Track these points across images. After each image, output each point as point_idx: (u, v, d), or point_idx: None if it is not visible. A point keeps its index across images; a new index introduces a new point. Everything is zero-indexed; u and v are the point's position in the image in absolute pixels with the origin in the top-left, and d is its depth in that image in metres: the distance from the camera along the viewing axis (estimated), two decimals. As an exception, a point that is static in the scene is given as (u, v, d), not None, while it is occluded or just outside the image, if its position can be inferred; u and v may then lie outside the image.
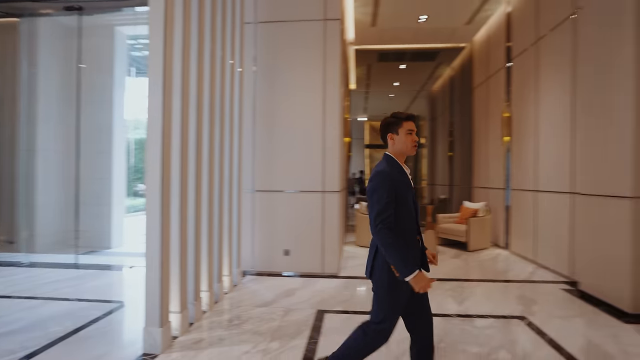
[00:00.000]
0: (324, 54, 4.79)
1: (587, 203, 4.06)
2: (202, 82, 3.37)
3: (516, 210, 6.13)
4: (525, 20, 5.81)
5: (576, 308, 3.66)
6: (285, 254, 4.78)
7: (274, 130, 4.84)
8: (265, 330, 3.06)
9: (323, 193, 4.78)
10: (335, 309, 3.57)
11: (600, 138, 3.86)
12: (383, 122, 2.07)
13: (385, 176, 1.91)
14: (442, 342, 2.86)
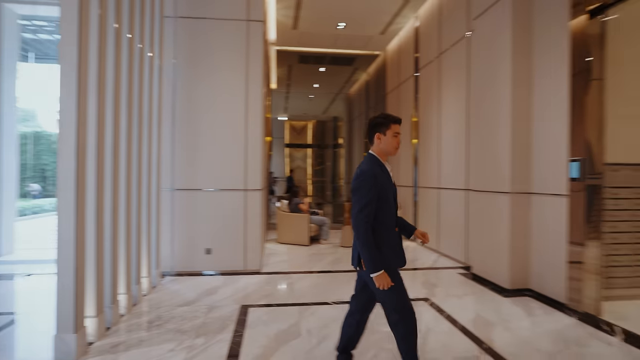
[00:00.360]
0: (247, 54, 4.84)
1: (477, 198, 4.73)
2: (119, 74, 3.23)
3: (423, 205, 6.82)
4: (431, 35, 6.49)
5: (469, 288, 4.26)
6: (207, 253, 4.74)
7: (196, 128, 4.76)
8: (189, 328, 3.06)
9: (245, 191, 4.84)
10: (259, 303, 3.69)
11: (487, 141, 4.53)
12: (372, 121, 2.20)
13: (370, 175, 2.05)
14: (358, 325, 3.14)
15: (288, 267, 5.12)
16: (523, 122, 4.12)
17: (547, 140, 3.90)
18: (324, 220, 7.02)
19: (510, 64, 4.10)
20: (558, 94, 3.74)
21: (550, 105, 3.86)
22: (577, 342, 2.86)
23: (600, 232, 3.46)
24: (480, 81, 4.70)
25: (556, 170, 3.76)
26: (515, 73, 4.10)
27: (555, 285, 3.74)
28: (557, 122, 3.75)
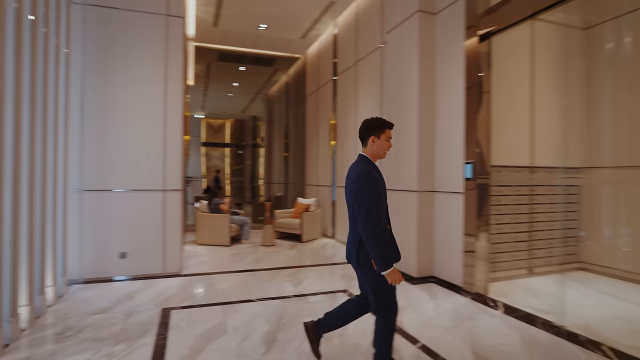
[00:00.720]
0: (167, 50, 4.68)
1: (390, 196, 5.17)
2: (21, 61, 2.92)
3: (340, 204, 7.21)
4: (348, 43, 6.90)
5: (382, 278, 4.67)
6: (122, 257, 4.48)
7: (109, 125, 4.46)
8: (107, 336, 2.91)
9: (164, 192, 4.67)
10: (182, 305, 3.62)
11: (398, 144, 5.00)
12: (368, 124, 2.26)
13: (370, 177, 2.11)
14: (283, 319, 3.29)
15: (210, 268, 5.06)
16: (428, 128, 4.65)
17: (447, 145, 4.46)
18: (245, 220, 7.02)
19: (417, 75, 4.60)
20: (456, 104, 4.31)
21: (450, 113, 4.42)
22: (469, 317, 3.36)
23: (488, 224, 4.07)
24: (392, 90, 5.16)
25: (454, 171, 4.33)
26: (421, 84, 4.60)
27: (454, 271, 4.30)
28: (455, 128, 4.31)
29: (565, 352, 2.70)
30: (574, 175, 4.90)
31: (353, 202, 2.16)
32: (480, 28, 4.01)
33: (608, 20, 4.76)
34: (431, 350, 2.71)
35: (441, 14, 4.55)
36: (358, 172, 2.16)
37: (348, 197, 2.23)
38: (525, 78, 4.70)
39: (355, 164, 2.27)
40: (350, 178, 2.22)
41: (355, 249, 2.20)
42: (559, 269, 4.71)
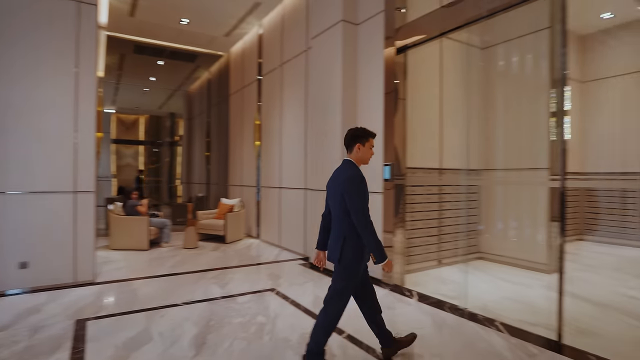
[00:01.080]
0: (78, 40, 4.29)
1: (315, 196, 5.37)
2: None
3: (265, 204, 7.24)
4: (274, 44, 6.96)
5: (308, 276, 4.82)
6: (22, 267, 4.00)
7: (6, 121, 3.95)
8: (8, 356, 2.61)
9: (75, 194, 4.28)
10: (99, 315, 3.38)
11: (322, 146, 5.21)
12: (354, 132, 2.47)
13: (361, 179, 2.33)
14: (211, 321, 3.25)
15: (128, 274, 4.75)
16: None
17: (368, 148, 4.77)
18: (165, 223, 6.70)
19: (341, 81, 4.84)
20: (375, 109, 4.63)
21: (371, 118, 4.73)
22: (389, 306, 3.66)
23: (404, 221, 4.46)
24: (316, 94, 5.35)
25: (374, 172, 4.65)
26: (344, 89, 4.86)
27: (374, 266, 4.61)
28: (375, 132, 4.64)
29: (468, 330, 3.10)
30: (474, 177, 5.57)
31: (342, 201, 2.32)
32: (397, 41, 4.38)
33: (500, 43, 5.50)
34: (356, 339, 2.92)
35: (363, 25, 4.86)
36: (350, 174, 2.34)
37: (335, 197, 2.37)
38: (435, 88, 5.22)
39: (343, 167, 2.45)
40: (338, 180, 2.39)
41: (340, 247, 2.34)
42: (463, 259, 5.34)
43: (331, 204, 2.45)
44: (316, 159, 5.35)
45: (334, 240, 2.40)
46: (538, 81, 5.02)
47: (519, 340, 2.88)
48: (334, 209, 2.43)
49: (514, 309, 3.58)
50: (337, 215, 2.39)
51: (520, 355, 2.65)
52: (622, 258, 5.76)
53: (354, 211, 2.27)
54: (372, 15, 4.71)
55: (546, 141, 4.87)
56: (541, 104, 4.94)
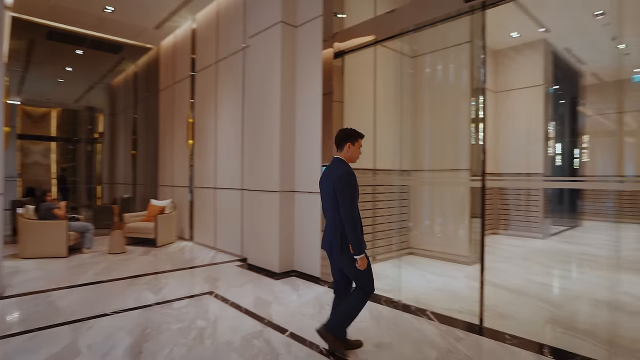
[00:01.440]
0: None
1: (252, 197, 5.32)
2: None
3: (199, 205, 6.99)
4: (209, 41, 6.74)
5: (247, 277, 4.77)
6: None
7: None
8: None
9: (-22, 195, 3.78)
10: (11, 332, 3.02)
11: (260, 147, 5.18)
12: (345, 132, 2.64)
13: (352, 176, 2.50)
14: (147, 329, 3.09)
15: (44, 285, 4.30)
16: (289, 132, 4.97)
17: (307, 148, 4.86)
18: (87, 227, 6.16)
19: (279, 81, 4.87)
20: (314, 111, 4.73)
21: (309, 120, 4.82)
22: (329, 303, 3.76)
23: (341, 219, 4.61)
24: (254, 93, 5.31)
25: (313, 172, 4.75)
26: (283, 90, 4.89)
27: (313, 264, 4.72)
28: (314, 133, 4.74)
29: (403, 321, 3.31)
30: (405, 177, 5.94)
31: (335, 197, 2.49)
32: (336, 44, 4.52)
33: (428, 53, 5.93)
34: (299, 337, 2.97)
35: (302, 28, 4.93)
36: (342, 171, 2.52)
37: (330, 193, 2.54)
38: (369, 92, 5.47)
39: (335, 165, 2.61)
40: (331, 176, 2.55)
41: (339, 240, 2.53)
42: (396, 255, 5.66)
43: (325, 199, 2.62)
44: (254, 160, 5.30)
45: (332, 235, 2.58)
46: (460, 90, 5.50)
47: (447, 327, 3.16)
48: (327, 204, 2.60)
49: (442, 299, 3.90)
50: (331, 211, 2.57)
51: (449, 340, 2.90)
52: (528, 249, 6.53)
53: (343, 205, 2.46)
54: (310, 18, 4.80)
55: (467, 144, 5.36)
56: (462, 111, 5.42)
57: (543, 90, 7.56)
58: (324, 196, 2.63)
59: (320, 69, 4.65)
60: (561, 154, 8.43)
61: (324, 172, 2.70)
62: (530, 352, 2.69)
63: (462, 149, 5.41)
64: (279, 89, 4.87)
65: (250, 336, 2.97)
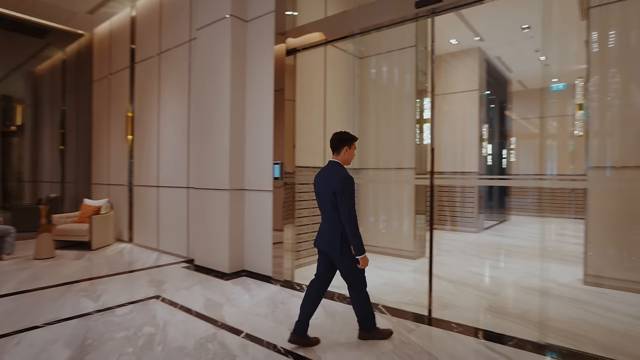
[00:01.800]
0: None
1: (199, 195, 5.13)
2: None
3: (140, 205, 6.59)
4: (151, 30, 6.36)
5: (195, 279, 4.59)
6: None
7: None
8: None
9: None
10: None
11: (208, 144, 5.00)
12: (342, 136, 2.75)
13: (351, 179, 2.61)
14: (88, 339, 2.86)
15: (-43, 296, 3.80)
16: (239, 129, 4.85)
17: (258, 145, 4.78)
18: (8, 230, 5.53)
19: (229, 77, 4.73)
20: (266, 108, 4.67)
21: (260, 117, 4.75)
22: (282, 302, 3.75)
23: (293, 218, 4.61)
24: (202, 88, 5.11)
25: (264, 170, 4.69)
26: (233, 86, 4.76)
27: (264, 263, 4.66)
28: (265, 130, 4.68)
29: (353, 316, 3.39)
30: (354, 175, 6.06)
31: (335, 199, 2.60)
32: (288, 41, 4.49)
33: (375, 55, 6.11)
34: (255, 337, 2.92)
35: (253, 23, 4.83)
36: (342, 175, 2.61)
37: (328, 195, 2.64)
38: (320, 91, 5.52)
39: (333, 169, 2.70)
40: (331, 180, 2.63)
41: (339, 241, 2.65)
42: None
43: (323, 201, 2.72)
44: (201, 157, 5.11)
45: (332, 234, 2.68)
46: (405, 91, 5.74)
47: (399, 319, 3.29)
48: (326, 206, 2.69)
49: (391, 292, 4.05)
50: (331, 212, 2.67)
51: (401, 332, 3.03)
52: (465, 242, 7.01)
53: (344, 209, 2.57)
54: (262, 14, 4.72)
55: (412, 144, 5.61)
56: (408, 112, 5.67)
57: (477, 95, 8.14)
58: (321, 197, 2.72)
59: (272, 65, 4.60)
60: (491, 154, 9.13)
61: (320, 173, 2.79)
62: (474, 338, 2.90)
63: (408, 149, 5.65)
64: (228, 84, 4.73)
65: (203, 340, 2.87)
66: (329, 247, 2.70)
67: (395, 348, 2.75)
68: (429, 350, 2.71)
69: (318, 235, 2.82)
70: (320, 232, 2.80)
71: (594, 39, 4.28)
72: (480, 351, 2.70)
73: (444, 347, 2.76)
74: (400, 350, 2.71)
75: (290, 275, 4.51)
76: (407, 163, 5.66)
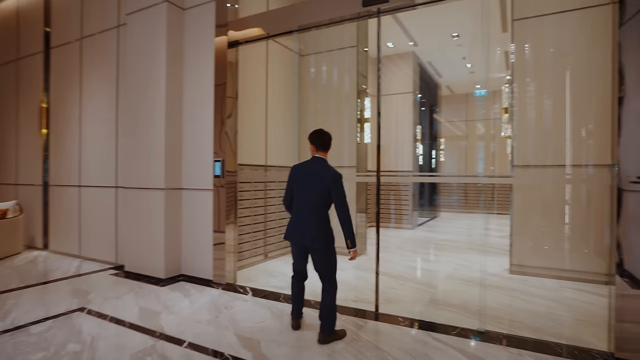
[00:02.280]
0: None
1: (129, 195, 4.70)
2: None
3: (57, 207, 5.88)
4: (70, 12, 5.70)
5: (125, 286, 4.19)
6: None
7: None
8: None
9: None
10: None
11: (140, 141, 4.60)
12: (328, 135, 2.93)
13: (341, 176, 2.75)
14: (-4, 363, 2.45)
15: None
16: (176, 125, 4.53)
17: (197, 142, 4.50)
18: None
19: (165, 69, 4.40)
20: (205, 103, 4.41)
21: (200, 112, 4.48)
22: (226, 307, 3.56)
23: (235, 218, 4.41)
24: (134, 80, 4.69)
25: (204, 168, 4.43)
26: (169, 79, 4.43)
27: (204, 266, 4.40)
28: (205, 127, 4.42)
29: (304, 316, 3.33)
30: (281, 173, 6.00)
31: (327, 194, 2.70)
32: (229, 35, 4.28)
33: (317, 53, 6.10)
34: (199, 346, 2.72)
35: (191, 11, 4.54)
36: (335, 172, 2.74)
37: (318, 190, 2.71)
38: (262, 87, 5.36)
39: (322, 164, 2.82)
40: (322, 175, 2.74)
41: (324, 234, 2.74)
42: (286, 251, 5.68)
43: (308, 195, 2.75)
44: (132, 154, 4.69)
45: (315, 229, 2.72)
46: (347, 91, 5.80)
47: (347, 317, 3.29)
48: (313, 201, 2.73)
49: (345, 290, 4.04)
50: (317, 205, 2.73)
51: (351, 329, 3.02)
52: (402, 238, 7.29)
53: (342, 204, 2.70)
54: (201, 2, 4.45)
55: (354, 143, 5.69)
56: (349, 111, 5.73)
57: (412, 97, 8.53)
58: (309, 191, 2.76)
59: (212, 58, 4.35)
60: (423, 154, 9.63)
61: (305, 167, 2.86)
62: (420, 331, 2.99)
63: (349, 148, 5.71)
64: (164, 76, 4.39)
65: (141, 353, 2.60)
66: (313, 241, 2.74)
67: (346, 345, 2.73)
68: (379, 346, 2.74)
69: (297, 229, 2.82)
70: (300, 227, 2.80)
71: (512, 50, 4.67)
72: (427, 342, 2.78)
73: (393, 342, 2.80)
74: (352, 347, 2.70)
75: (232, 278, 4.31)
76: (348, 161, 5.72)
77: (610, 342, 2.64)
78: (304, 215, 2.79)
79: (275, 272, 4.83)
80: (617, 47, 2.62)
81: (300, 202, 2.82)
